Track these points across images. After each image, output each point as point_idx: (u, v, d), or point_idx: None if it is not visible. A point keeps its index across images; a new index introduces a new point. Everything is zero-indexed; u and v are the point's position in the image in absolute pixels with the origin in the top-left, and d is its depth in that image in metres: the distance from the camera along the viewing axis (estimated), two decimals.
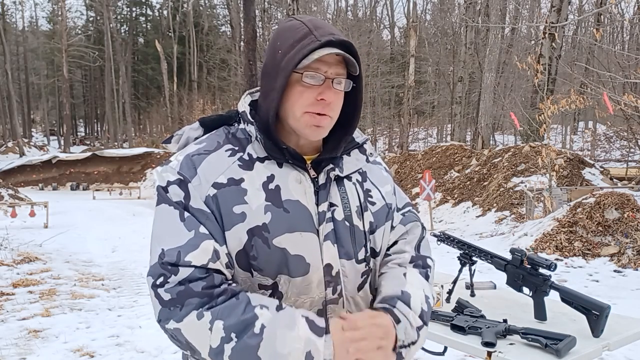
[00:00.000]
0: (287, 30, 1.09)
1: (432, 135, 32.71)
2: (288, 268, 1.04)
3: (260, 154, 1.09)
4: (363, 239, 1.14)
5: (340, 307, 1.09)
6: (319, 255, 1.06)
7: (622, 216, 7.56)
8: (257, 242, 1.02)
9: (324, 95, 1.06)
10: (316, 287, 1.06)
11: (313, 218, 1.07)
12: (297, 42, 1.05)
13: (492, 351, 1.84)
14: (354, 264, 1.11)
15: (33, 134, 49.48)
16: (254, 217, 1.03)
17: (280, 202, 1.05)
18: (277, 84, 1.06)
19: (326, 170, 1.12)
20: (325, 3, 32.87)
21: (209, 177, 1.05)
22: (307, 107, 1.06)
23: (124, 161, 27.74)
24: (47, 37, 47.07)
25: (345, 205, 1.12)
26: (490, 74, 16.40)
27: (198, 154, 1.08)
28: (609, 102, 8.32)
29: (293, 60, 1.04)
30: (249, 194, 1.04)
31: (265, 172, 1.07)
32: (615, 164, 19.66)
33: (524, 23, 23.32)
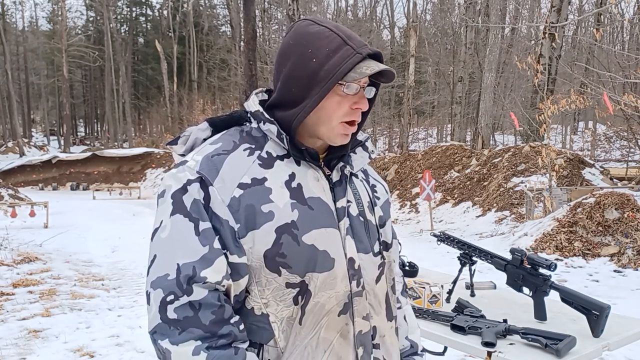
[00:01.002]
0: (316, 37, 1.08)
1: (432, 135, 32.71)
2: (316, 264, 1.05)
3: (279, 152, 1.10)
4: (376, 232, 1.19)
5: (363, 299, 1.12)
6: (342, 249, 1.09)
7: (622, 216, 7.56)
8: (287, 239, 1.03)
9: (359, 104, 1.09)
10: (340, 282, 1.08)
11: (333, 214, 1.10)
12: (334, 53, 1.05)
13: (492, 351, 1.84)
14: (372, 257, 1.15)
15: (33, 134, 49.48)
16: (282, 215, 1.04)
17: (304, 200, 1.07)
18: (312, 93, 1.06)
19: (339, 168, 1.14)
20: (325, 3, 32.89)
21: (233, 177, 1.04)
22: (343, 116, 1.08)
23: (124, 161, 27.75)
24: (47, 37, 47.06)
25: (358, 201, 1.16)
26: (490, 74, 16.40)
27: (217, 154, 1.06)
28: (609, 102, 8.32)
29: (336, 73, 1.04)
30: (273, 192, 1.05)
31: (286, 171, 1.08)
32: (615, 164, 19.66)
33: (524, 23, 23.32)
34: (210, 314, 0.98)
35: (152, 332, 1.00)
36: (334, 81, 1.04)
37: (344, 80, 1.05)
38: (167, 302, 0.98)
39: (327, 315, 1.07)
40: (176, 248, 1.01)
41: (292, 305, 1.05)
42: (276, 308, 1.05)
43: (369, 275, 1.13)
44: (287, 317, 1.05)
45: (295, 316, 1.06)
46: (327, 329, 1.07)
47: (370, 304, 1.13)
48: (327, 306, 1.07)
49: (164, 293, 0.98)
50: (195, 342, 0.97)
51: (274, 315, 1.05)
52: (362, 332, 1.11)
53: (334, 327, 1.08)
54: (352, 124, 1.10)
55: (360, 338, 1.11)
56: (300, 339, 1.06)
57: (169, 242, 1.02)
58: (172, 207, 1.03)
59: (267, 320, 1.05)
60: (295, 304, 1.05)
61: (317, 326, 1.07)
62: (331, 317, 1.07)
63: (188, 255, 1.00)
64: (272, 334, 1.05)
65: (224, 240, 1.02)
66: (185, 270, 0.98)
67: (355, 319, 1.10)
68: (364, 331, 1.11)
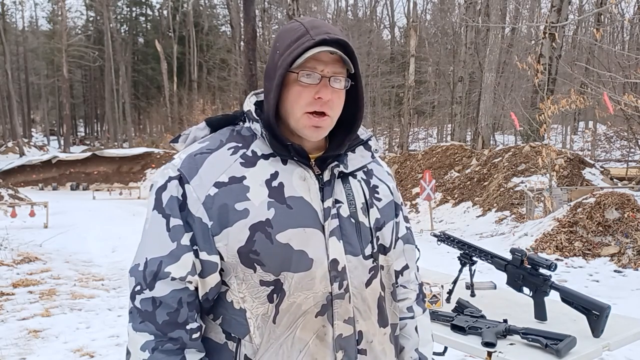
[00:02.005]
0: (286, 31, 1.11)
1: (432, 135, 32.72)
2: (290, 264, 1.04)
3: (265, 150, 1.10)
4: (369, 235, 1.15)
5: (346, 302, 1.09)
6: (324, 250, 1.07)
7: (622, 216, 7.56)
8: (260, 237, 1.03)
9: (320, 93, 1.06)
10: (319, 283, 1.06)
11: (318, 214, 1.08)
12: (294, 42, 1.06)
13: (492, 351, 1.83)
14: (361, 260, 1.12)
15: (33, 134, 49.49)
16: (256, 213, 1.04)
17: (283, 199, 1.06)
18: (274, 83, 1.07)
19: (330, 167, 1.13)
20: (325, 3, 32.89)
21: (210, 176, 1.06)
22: (306, 106, 1.07)
23: (124, 161, 27.76)
24: (47, 37, 47.08)
25: (350, 202, 1.14)
26: (490, 74, 16.40)
27: (200, 153, 1.09)
28: (609, 102, 8.32)
29: (287, 59, 1.05)
30: (251, 190, 1.05)
31: (269, 170, 1.08)
32: (615, 164, 19.65)
33: (524, 23, 23.32)
34: (164, 315, 1.03)
35: (129, 311, 1.06)
36: (284, 68, 1.04)
37: (294, 66, 1.05)
38: (135, 292, 1.05)
39: (304, 316, 1.06)
40: (148, 242, 1.07)
41: (267, 302, 1.05)
42: (252, 304, 1.06)
43: (356, 279, 1.11)
44: (262, 314, 1.05)
45: (270, 314, 1.05)
46: (302, 330, 1.06)
47: (357, 308, 1.11)
48: (303, 307, 1.06)
49: (134, 282, 1.05)
50: (148, 336, 1.03)
51: (249, 311, 1.06)
52: (343, 336, 1.09)
53: (310, 328, 1.07)
54: (318, 115, 1.07)
55: (340, 342, 1.08)
56: (275, 337, 1.06)
57: (145, 235, 1.09)
58: (154, 202, 1.08)
59: (244, 315, 1.06)
60: (270, 302, 1.05)
61: (293, 326, 1.06)
62: (308, 317, 1.06)
63: (157, 250, 1.05)
64: (248, 329, 1.06)
65: (196, 237, 1.05)
66: (151, 265, 1.04)
67: (335, 322, 1.08)
68: (344, 335, 1.09)
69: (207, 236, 1.04)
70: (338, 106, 1.10)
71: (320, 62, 1.06)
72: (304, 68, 1.05)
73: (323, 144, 1.18)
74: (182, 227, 1.05)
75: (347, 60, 1.07)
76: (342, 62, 1.09)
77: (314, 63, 1.06)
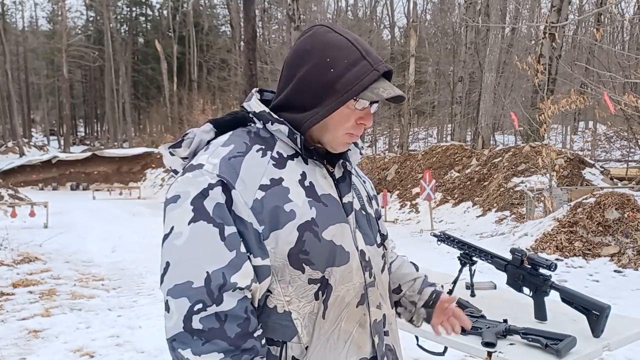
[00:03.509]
0: (335, 47, 1.09)
1: (432, 135, 32.71)
2: (335, 259, 1.09)
3: (288, 152, 1.12)
4: (376, 225, 1.25)
5: (375, 289, 1.17)
6: (353, 243, 1.13)
7: (622, 216, 7.56)
8: (309, 236, 1.06)
9: (364, 120, 1.11)
10: (356, 274, 1.12)
11: (342, 209, 1.14)
12: (352, 66, 1.07)
13: (492, 351, 1.83)
14: (376, 248, 1.20)
15: (33, 134, 49.49)
16: (302, 214, 1.06)
17: (318, 197, 1.10)
18: (325, 102, 1.08)
19: (340, 164, 1.18)
20: (325, 3, 32.88)
21: (253, 179, 1.05)
22: (349, 129, 1.12)
23: (124, 161, 27.78)
24: (47, 37, 47.09)
25: (359, 196, 1.21)
26: (490, 74, 16.40)
27: (234, 157, 1.06)
28: (610, 102, 8.31)
29: (353, 88, 1.06)
30: (291, 191, 1.07)
31: (297, 170, 1.11)
32: (615, 164, 19.64)
33: (524, 23, 23.32)
34: (236, 327, 0.98)
35: (171, 339, 0.98)
36: (350, 96, 1.07)
37: (359, 96, 1.08)
38: (193, 312, 0.97)
39: (347, 307, 1.11)
40: (200, 255, 0.99)
41: (314, 300, 1.07)
42: (298, 305, 1.06)
43: (377, 266, 1.18)
44: (309, 313, 1.07)
45: (318, 311, 1.07)
46: (347, 321, 1.11)
47: (380, 294, 1.19)
48: (346, 299, 1.10)
49: (191, 302, 0.97)
50: (218, 355, 0.96)
51: (296, 312, 1.06)
52: (377, 321, 1.16)
53: (353, 318, 1.12)
54: (354, 136, 1.14)
55: (375, 326, 1.16)
56: (323, 332, 1.08)
57: (189, 249, 1.00)
58: (192, 213, 1.01)
59: (289, 318, 1.06)
60: (316, 299, 1.07)
61: (338, 319, 1.10)
62: (350, 308, 1.11)
63: (215, 261, 0.99)
64: (295, 330, 1.06)
65: (248, 243, 1.03)
66: (216, 278, 0.98)
67: (370, 309, 1.15)
68: (378, 319, 1.16)
69: (260, 241, 1.03)
70: None
71: None
72: (362, 97, 1.08)
73: None
74: (237, 234, 1.01)
75: (404, 98, 1.12)
76: None
77: None
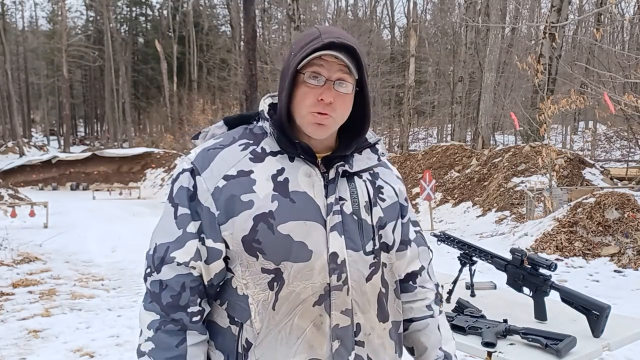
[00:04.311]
0: (303, 35, 1.19)
1: (432, 135, 32.71)
2: (290, 254, 1.11)
3: (274, 148, 1.18)
4: (371, 232, 1.20)
5: (344, 294, 1.14)
6: (324, 243, 1.13)
7: (622, 216, 7.56)
8: (262, 227, 1.10)
9: (323, 95, 1.11)
10: (318, 274, 1.12)
11: (321, 209, 1.14)
12: (306, 45, 1.13)
13: (492, 351, 1.84)
14: (362, 255, 1.17)
15: (33, 134, 49.48)
16: (260, 205, 1.11)
17: (287, 193, 1.13)
18: (286, 83, 1.14)
19: (336, 166, 1.19)
20: (325, 3, 32.88)
21: (220, 169, 1.14)
22: (310, 107, 1.13)
23: (123, 161, 27.76)
24: (47, 37, 47.09)
25: (354, 200, 1.19)
26: (490, 74, 16.40)
27: (214, 148, 1.18)
28: (610, 102, 8.31)
29: (296, 59, 1.12)
30: (257, 184, 1.13)
31: (275, 165, 1.16)
32: (615, 164, 19.63)
33: (524, 23, 23.31)
34: (169, 297, 1.12)
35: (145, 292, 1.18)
36: (293, 67, 1.12)
37: (301, 67, 1.12)
38: (146, 274, 1.17)
39: (302, 304, 1.12)
40: (159, 229, 1.18)
41: (268, 289, 1.12)
42: (254, 290, 1.12)
43: (356, 273, 1.15)
44: (263, 301, 1.12)
45: (270, 301, 1.11)
46: (301, 317, 1.12)
47: (355, 301, 1.15)
48: (302, 295, 1.11)
49: (146, 265, 1.18)
50: (154, 315, 1.14)
51: (252, 297, 1.12)
52: (340, 326, 1.13)
53: (307, 317, 1.12)
54: (322, 114, 1.13)
55: (337, 331, 1.13)
56: (274, 323, 1.11)
57: (158, 222, 1.19)
58: (168, 193, 1.19)
59: (246, 301, 1.13)
60: (270, 289, 1.11)
61: (292, 313, 1.12)
62: (306, 306, 1.12)
63: (164, 236, 1.15)
64: (250, 314, 1.12)
65: (203, 225, 1.13)
66: (159, 250, 1.14)
67: (332, 312, 1.13)
68: (341, 325, 1.14)
69: (214, 225, 1.12)
70: (342, 109, 1.15)
71: (326, 66, 1.12)
72: (310, 70, 1.12)
73: (333, 145, 1.24)
74: (188, 215, 1.14)
75: (350, 65, 1.12)
76: (349, 69, 1.14)
77: (320, 68, 1.12)
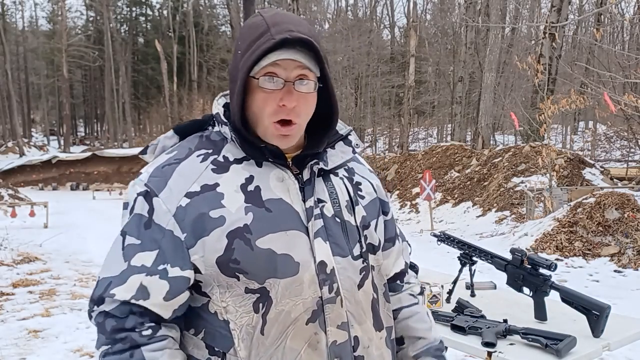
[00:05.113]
0: (248, 28, 1.03)
1: (432, 135, 32.69)
2: (276, 269, 0.98)
3: (237, 155, 1.05)
4: (356, 234, 1.09)
5: (338, 306, 1.02)
6: (310, 253, 1.01)
7: (622, 216, 7.56)
8: (239, 244, 0.97)
9: (284, 100, 0.99)
10: (308, 287, 1.00)
11: (300, 215, 1.03)
12: (254, 42, 0.99)
13: (492, 351, 1.84)
14: (350, 260, 1.06)
15: (33, 134, 49.47)
16: (233, 220, 0.98)
17: (261, 202, 1.01)
18: (236, 89, 1.00)
19: (309, 165, 1.07)
20: (325, 3, 32.90)
21: (180, 187, 1.00)
22: (271, 115, 1.00)
23: (124, 161, 27.75)
24: (47, 37, 47.08)
25: (334, 201, 1.08)
26: (490, 74, 16.40)
27: (168, 164, 1.04)
28: (611, 102, 8.31)
29: (247, 63, 0.98)
30: (226, 197, 1.00)
31: (243, 174, 1.03)
32: (615, 164, 19.63)
33: (524, 23, 23.31)
34: (112, 322, 0.99)
35: None
36: (244, 73, 0.98)
37: (254, 72, 0.99)
38: (89, 312, 1.03)
39: (294, 324, 1.00)
40: (104, 262, 1.03)
41: (252, 312, 0.99)
42: (235, 314, 0.99)
43: (347, 281, 1.04)
44: (247, 325, 0.99)
45: (256, 325, 0.99)
46: (293, 339, 1.00)
47: (350, 312, 1.04)
48: (292, 314, 0.99)
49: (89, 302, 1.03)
50: (103, 347, 1.00)
51: (233, 322, 0.99)
52: (338, 343, 1.02)
53: (301, 337, 1.00)
54: (285, 124, 1.01)
55: (334, 349, 1.02)
56: (263, 349, 0.99)
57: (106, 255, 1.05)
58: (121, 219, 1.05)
59: (227, 327, 1.00)
60: (255, 312, 0.99)
61: (283, 335, 0.99)
62: (298, 325, 1.00)
63: (109, 270, 1.01)
64: (232, 342, 1.00)
65: (165, 253, 0.99)
66: (100, 286, 1.00)
67: (328, 328, 1.01)
68: (339, 341, 1.02)
69: (181, 250, 0.98)
70: (306, 111, 1.03)
71: (282, 65, 0.99)
72: (265, 73, 0.99)
73: (301, 142, 1.11)
74: (137, 246, 1.00)
75: (310, 66, 1.00)
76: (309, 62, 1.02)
77: (275, 68, 0.99)
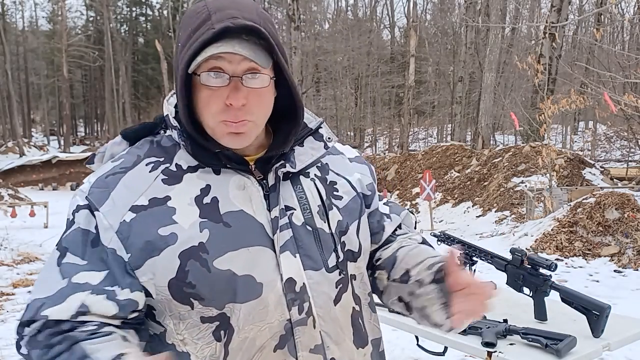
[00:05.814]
0: (189, 15, 0.90)
1: (432, 135, 32.70)
2: (236, 293, 0.87)
3: (191, 162, 0.92)
4: (331, 242, 0.96)
5: (310, 327, 0.91)
6: (276, 270, 0.90)
7: (622, 216, 7.56)
8: (194, 266, 0.85)
9: (230, 99, 0.86)
10: (274, 310, 0.89)
11: (265, 227, 0.91)
12: (193, 32, 0.86)
13: (492, 351, 1.84)
14: (324, 273, 0.94)
15: (33, 134, 49.48)
16: (187, 238, 0.86)
17: (219, 217, 0.89)
18: (177, 87, 0.88)
19: (274, 169, 0.94)
20: (325, 3, 32.90)
21: (125, 200, 0.88)
22: (217, 115, 0.87)
23: None
24: (47, 37, 47.08)
25: (304, 207, 0.95)
26: (490, 74, 16.39)
27: (113, 174, 0.91)
28: (611, 102, 8.32)
29: (185, 58, 0.85)
30: (178, 212, 0.88)
31: (198, 184, 0.91)
32: (615, 164, 19.62)
33: (524, 23, 23.32)
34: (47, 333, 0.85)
35: None
36: (183, 69, 0.85)
37: (193, 67, 0.85)
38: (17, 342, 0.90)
39: (260, 352, 0.89)
40: (38, 280, 0.90)
41: (214, 341, 0.88)
42: (195, 347, 0.89)
43: (321, 297, 0.93)
44: (210, 356, 0.88)
45: (219, 355, 0.88)
46: None
47: (324, 332, 0.93)
48: (257, 341, 0.88)
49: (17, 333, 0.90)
50: None
51: (194, 354, 0.89)
52: None
53: None
54: (232, 124, 0.87)
55: None
56: None
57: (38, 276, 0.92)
58: None
59: (188, 359, 0.89)
60: (217, 340, 0.88)
61: None
62: (265, 353, 0.89)
63: (42, 289, 0.87)
64: None
65: (114, 274, 0.86)
66: (31, 309, 0.86)
67: (299, 353, 0.90)
68: None
69: (125, 270, 0.86)
70: (259, 108, 0.90)
71: (227, 58, 0.85)
72: (208, 67, 0.85)
73: (265, 141, 0.99)
74: (80, 267, 0.86)
75: (257, 60, 0.85)
76: None
77: (220, 60, 0.85)
